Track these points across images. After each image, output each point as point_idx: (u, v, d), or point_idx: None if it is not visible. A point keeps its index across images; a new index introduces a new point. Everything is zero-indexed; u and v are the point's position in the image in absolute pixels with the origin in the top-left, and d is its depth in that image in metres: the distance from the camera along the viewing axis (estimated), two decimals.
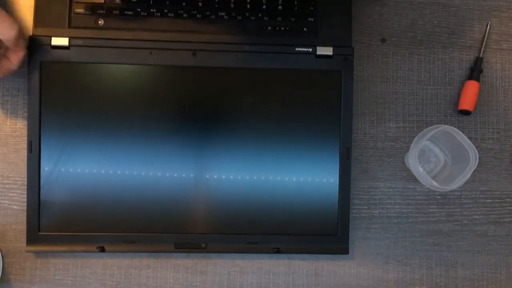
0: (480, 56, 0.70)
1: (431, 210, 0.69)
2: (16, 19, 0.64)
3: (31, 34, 0.64)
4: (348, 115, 0.66)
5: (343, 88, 0.66)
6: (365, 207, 0.68)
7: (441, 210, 0.69)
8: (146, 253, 0.66)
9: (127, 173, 0.64)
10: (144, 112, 0.64)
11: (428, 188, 0.68)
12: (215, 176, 0.65)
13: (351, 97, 0.66)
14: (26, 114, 0.65)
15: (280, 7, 0.66)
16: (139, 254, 0.66)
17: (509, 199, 0.69)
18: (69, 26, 0.64)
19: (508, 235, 0.69)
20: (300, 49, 0.65)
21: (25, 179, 0.64)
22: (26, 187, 0.64)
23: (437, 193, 0.69)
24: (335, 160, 0.66)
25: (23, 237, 0.65)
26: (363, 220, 0.68)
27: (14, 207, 0.66)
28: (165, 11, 0.65)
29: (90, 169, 0.64)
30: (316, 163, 0.66)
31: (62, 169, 0.64)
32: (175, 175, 0.64)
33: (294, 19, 0.66)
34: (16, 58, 0.61)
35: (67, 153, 0.64)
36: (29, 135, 0.64)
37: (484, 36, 0.70)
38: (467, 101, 0.68)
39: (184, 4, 0.65)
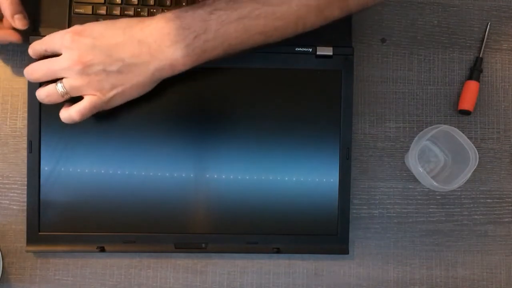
0: (480, 56, 0.70)
1: (431, 210, 0.69)
2: None
3: (31, 34, 0.64)
4: (348, 115, 0.66)
5: (343, 88, 0.66)
6: (365, 207, 0.68)
7: (441, 210, 0.69)
8: (146, 253, 0.66)
9: (127, 173, 0.64)
10: (144, 111, 0.64)
11: (428, 188, 0.68)
12: (215, 176, 0.65)
13: (351, 97, 0.66)
14: (26, 114, 0.65)
15: None
16: (139, 254, 0.66)
17: (509, 199, 0.69)
18: (69, 26, 0.64)
19: (508, 235, 0.69)
20: (300, 49, 0.65)
21: (25, 179, 0.64)
22: (26, 187, 0.64)
23: (437, 193, 0.69)
24: (335, 160, 0.66)
25: (23, 237, 0.65)
26: (363, 220, 0.68)
27: (14, 207, 0.66)
28: (165, 11, 0.65)
29: (90, 169, 0.64)
30: (316, 163, 0.66)
31: (62, 169, 0.64)
32: (175, 175, 0.64)
33: None
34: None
35: (67, 153, 0.64)
36: (29, 135, 0.64)
37: (484, 36, 0.70)
38: (467, 101, 0.68)
39: (184, 4, 0.65)
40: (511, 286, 0.69)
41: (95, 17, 0.65)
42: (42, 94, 0.59)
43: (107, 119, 0.64)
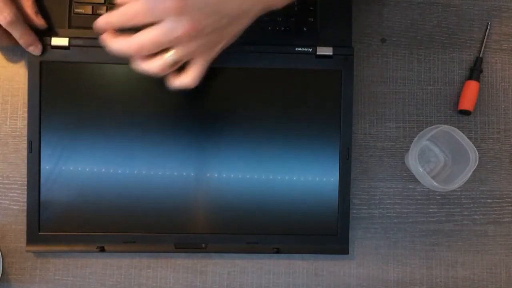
0: (480, 56, 0.70)
1: (431, 210, 0.69)
2: None
3: None
4: (348, 115, 0.66)
5: (343, 88, 0.66)
6: (365, 207, 0.68)
7: (441, 210, 0.69)
8: (146, 253, 0.66)
9: (127, 172, 0.64)
10: (144, 111, 0.64)
11: (428, 188, 0.68)
12: (215, 176, 0.65)
13: (351, 97, 0.66)
14: (26, 114, 0.65)
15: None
16: (139, 254, 0.67)
17: (509, 199, 0.69)
18: (69, 26, 0.64)
19: (508, 235, 0.69)
20: (300, 49, 0.65)
21: (25, 179, 0.64)
22: (26, 187, 0.64)
23: (437, 193, 0.69)
24: (335, 160, 0.66)
25: (23, 237, 0.65)
26: (363, 220, 0.68)
27: (14, 207, 0.66)
28: None
29: (90, 168, 0.64)
30: (316, 163, 0.66)
31: (62, 169, 0.64)
32: (175, 174, 0.64)
33: (294, 19, 0.66)
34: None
35: (67, 153, 0.64)
36: (29, 135, 0.64)
37: (484, 36, 0.70)
38: (467, 101, 0.69)
39: None
40: (511, 286, 0.69)
41: (95, 17, 0.64)
42: (154, 69, 0.56)
43: (107, 118, 0.64)
